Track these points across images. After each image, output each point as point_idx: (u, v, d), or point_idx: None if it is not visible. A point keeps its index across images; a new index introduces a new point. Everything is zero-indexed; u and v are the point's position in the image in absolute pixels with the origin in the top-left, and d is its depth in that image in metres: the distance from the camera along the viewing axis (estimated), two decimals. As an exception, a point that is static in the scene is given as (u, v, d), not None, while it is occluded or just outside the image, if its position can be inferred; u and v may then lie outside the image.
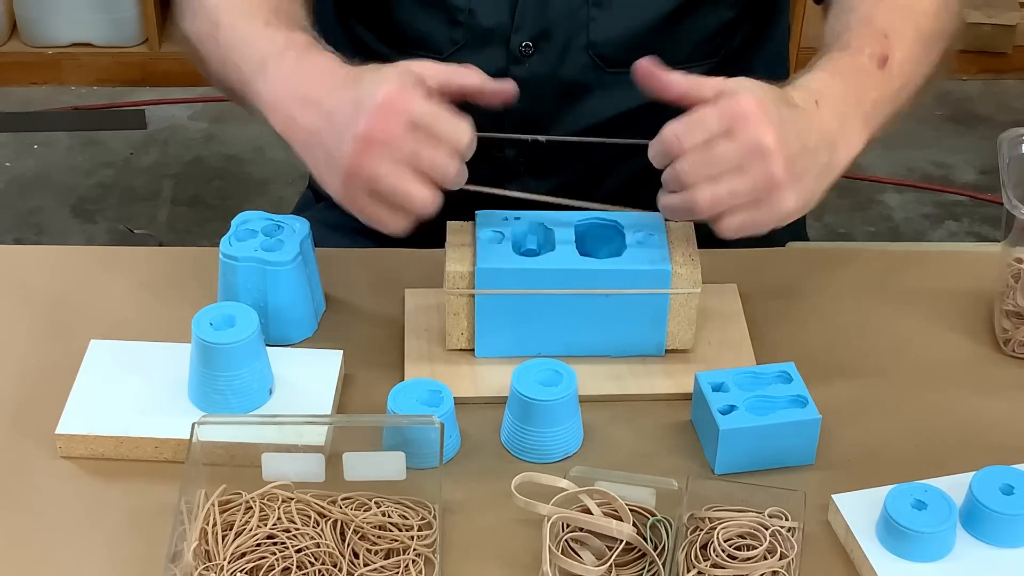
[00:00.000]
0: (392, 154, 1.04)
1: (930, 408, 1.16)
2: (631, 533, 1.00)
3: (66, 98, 3.15)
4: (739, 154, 1.04)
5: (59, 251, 1.40)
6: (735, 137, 1.04)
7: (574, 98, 1.36)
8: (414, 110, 1.04)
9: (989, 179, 2.95)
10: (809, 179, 1.08)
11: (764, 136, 1.04)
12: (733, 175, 1.05)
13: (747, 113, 1.05)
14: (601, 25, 1.32)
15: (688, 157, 1.05)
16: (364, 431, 1.07)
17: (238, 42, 1.18)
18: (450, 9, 1.32)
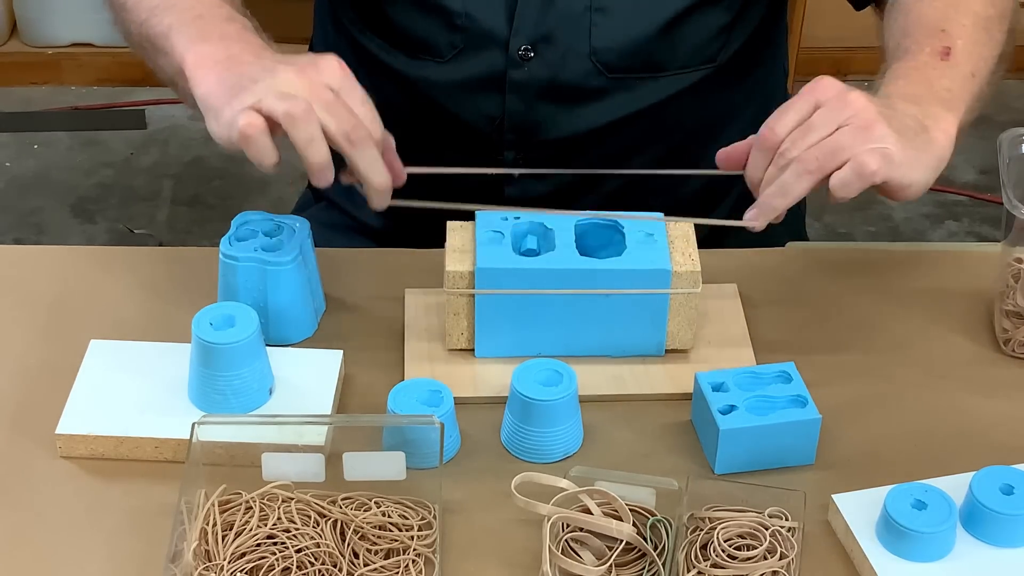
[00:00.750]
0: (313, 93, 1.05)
1: (930, 408, 1.16)
2: (631, 533, 1.00)
3: (66, 98, 3.15)
4: (833, 115, 1.06)
5: (59, 251, 1.40)
6: (827, 105, 1.07)
7: (573, 102, 1.36)
8: (348, 80, 1.07)
9: (989, 179, 2.95)
10: (910, 138, 1.08)
11: (853, 97, 1.06)
12: (834, 133, 1.06)
13: (828, 85, 1.07)
14: (603, 31, 1.32)
15: (788, 139, 1.07)
16: (364, 431, 1.07)
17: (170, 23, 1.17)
18: (447, 14, 1.32)
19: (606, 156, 1.40)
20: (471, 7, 1.32)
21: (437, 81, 1.36)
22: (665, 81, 1.36)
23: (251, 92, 1.06)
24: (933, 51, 1.16)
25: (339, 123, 1.05)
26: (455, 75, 1.35)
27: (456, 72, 1.35)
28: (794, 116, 1.07)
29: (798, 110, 1.07)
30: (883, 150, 1.06)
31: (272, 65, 1.08)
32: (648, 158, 1.41)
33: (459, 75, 1.35)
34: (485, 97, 1.36)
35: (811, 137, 1.06)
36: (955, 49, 1.16)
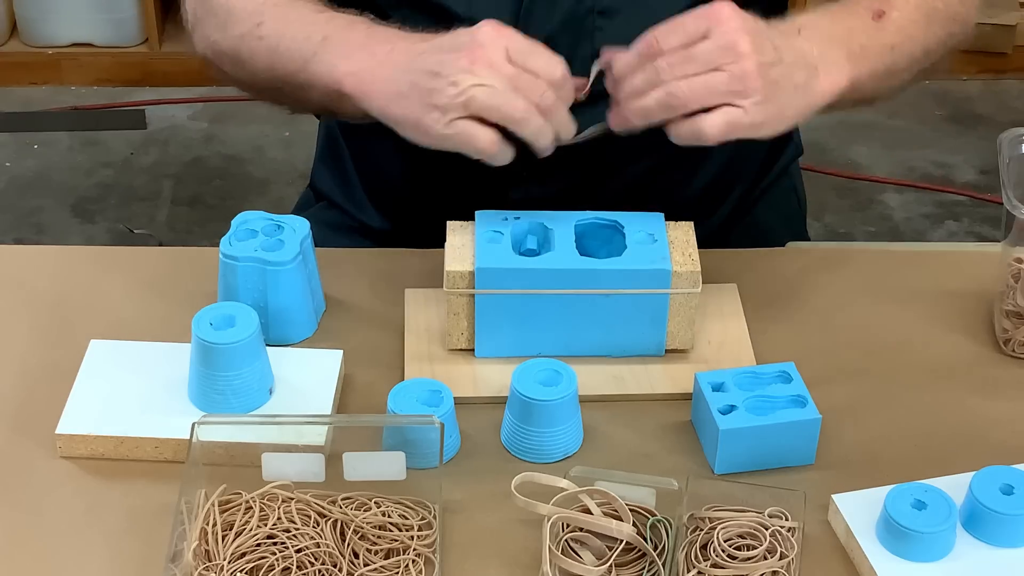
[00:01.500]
0: (493, 78, 1.08)
1: (930, 408, 1.16)
2: (631, 533, 1.00)
3: (66, 98, 3.15)
4: (714, 53, 1.08)
5: (59, 251, 1.40)
6: (711, 38, 1.08)
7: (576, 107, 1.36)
8: (513, 39, 1.10)
9: (989, 179, 2.95)
10: (784, 92, 1.10)
11: (739, 39, 1.08)
12: (709, 73, 1.08)
13: (724, 17, 1.08)
14: (606, 34, 1.31)
15: (666, 57, 1.08)
16: (364, 431, 1.07)
17: (290, 28, 1.19)
18: (452, 18, 1.31)
19: (610, 160, 1.39)
20: (476, 11, 1.31)
21: None
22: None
23: (442, 99, 1.09)
24: (868, 8, 1.16)
25: (529, 96, 1.09)
26: None
27: None
28: (680, 37, 1.09)
29: (688, 31, 1.09)
30: (732, 114, 1.08)
31: (438, 58, 1.11)
32: (651, 161, 1.40)
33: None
34: None
35: (688, 68, 1.08)
36: (888, 17, 1.16)
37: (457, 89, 1.09)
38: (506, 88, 1.09)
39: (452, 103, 1.09)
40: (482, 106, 1.09)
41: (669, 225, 1.17)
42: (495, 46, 1.10)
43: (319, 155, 1.55)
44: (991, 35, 3.15)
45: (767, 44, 1.09)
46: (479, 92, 1.08)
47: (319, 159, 1.55)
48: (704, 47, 1.08)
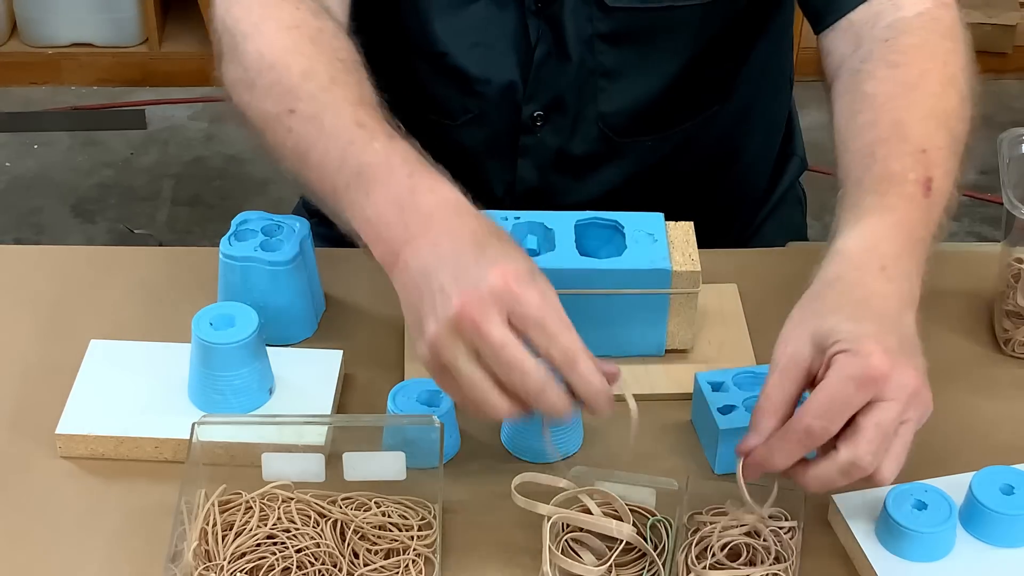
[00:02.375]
0: (476, 342, 0.93)
1: (930, 408, 1.16)
2: (631, 533, 1.00)
3: (66, 98, 3.15)
4: (900, 411, 0.94)
5: (59, 251, 1.40)
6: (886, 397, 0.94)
7: (584, 168, 1.35)
8: (518, 305, 0.93)
9: (989, 179, 2.95)
10: (916, 355, 0.98)
11: (877, 361, 0.93)
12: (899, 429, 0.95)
13: (881, 373, 0.93)
14: (610, 96, 1.31)
15: (861, 444, 0.93)
16: (364, 431, 1.07)
17: (323, 138, 1.03)
18: (467, 79, 1.30)
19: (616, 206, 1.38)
20: (491, 72, 1.30)
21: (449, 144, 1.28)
22: (672, 135, 1.35)
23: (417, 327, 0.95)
24: (917, 180, 1.04)
25: (513, 384, 0.94)
26: (466, 139, 1.34)
27: (467, 136, 1.34)
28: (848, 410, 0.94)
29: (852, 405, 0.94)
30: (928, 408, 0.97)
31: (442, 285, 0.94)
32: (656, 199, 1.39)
33: (470, 139, 1.34)
34: (497, 164, 1.34)
35: (886, 443, 0.94)
36: (935, 181, 1.05)
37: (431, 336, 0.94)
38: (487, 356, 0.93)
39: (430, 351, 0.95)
40: (448, 366, 0.94)
41: (669, 225, 1.17)
42: (495, 304, 0.92)
43: None
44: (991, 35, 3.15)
45: (906, 347, 0.96)
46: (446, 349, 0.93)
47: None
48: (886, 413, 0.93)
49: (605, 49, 1.28)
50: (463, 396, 0.95)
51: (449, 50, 1.29)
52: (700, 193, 1.40)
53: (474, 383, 0.94)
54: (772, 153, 1.49)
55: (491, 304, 0.92)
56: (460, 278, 0.93)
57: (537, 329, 0.93)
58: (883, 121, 1.09)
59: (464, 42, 1.29)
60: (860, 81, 1.13)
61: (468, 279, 0.93)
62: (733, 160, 1.42)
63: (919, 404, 0.95)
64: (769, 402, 0.96)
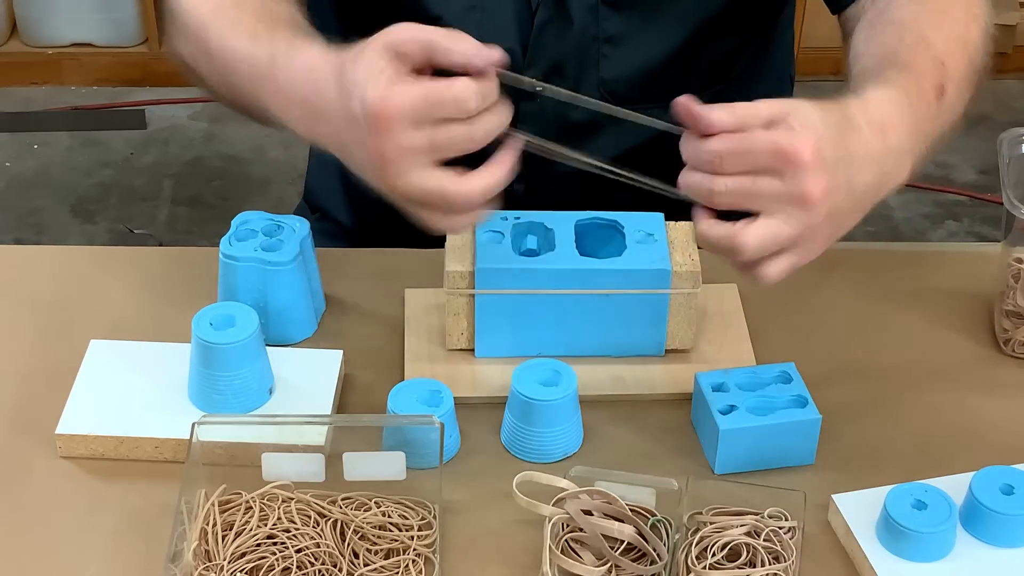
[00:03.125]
0: (411, 160, 0.97)
1: (930, 408, 1.16)
2: (631, 533, 1.00)
3: (66, 98, 3.15)
4: (782, 198, 0.97)
5: (59, 251, 1.40)
6: (783, 178, 0.97)
7: (584, 135, 1.35)
8: (407, 110, 0.97)
9: (989, 179, 2.96)
10: (850, 220, 1.02)
11: (813, 188, 0.97)
12: (773, 217, 0.98)
13: (801, 160, 0.96)
14: (611, 62, 1.31)
15: (727, 180, 0.98)
16: (364, 431, 1.07)
17: (232, 64, 1.12)
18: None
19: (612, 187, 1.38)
20: (486, 38, 1.30)
21: None
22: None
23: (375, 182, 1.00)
24: (933, 84, 1.07)
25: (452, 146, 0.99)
26: None
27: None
28: (748, 164, 0.98)
29: (756, 161, 0.98)
30: (813, 254, 1.01)
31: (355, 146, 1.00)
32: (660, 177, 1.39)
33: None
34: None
35: (749, 202, 0.98)
36: (948, 92, 1.08)
37: (382, 183, 0.99)
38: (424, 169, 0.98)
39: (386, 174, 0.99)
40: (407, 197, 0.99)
41: (669, 225, 1.17)
42: (398, 125, 0.97)
43: (311, 166, 1.55)
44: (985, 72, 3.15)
45: (841, 181, 0.99)
46: (402, 188, 0.98)
47: (311, 170, 1.54)
48: (770, 186, 0.97)
49: (609, 15, 1.28)
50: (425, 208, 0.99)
51: (443, 14, 1.29)
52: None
53: (425, 178, 0.97)
54: None
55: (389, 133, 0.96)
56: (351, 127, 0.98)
57: (436, 109, 0.97)
58: (909, 35, 1.13)
59: (458, 6, 1.29)
60: (885, 11, 1.18)
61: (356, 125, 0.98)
62: None
63: (810, 215, 0.97)
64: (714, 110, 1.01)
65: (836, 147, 0.99)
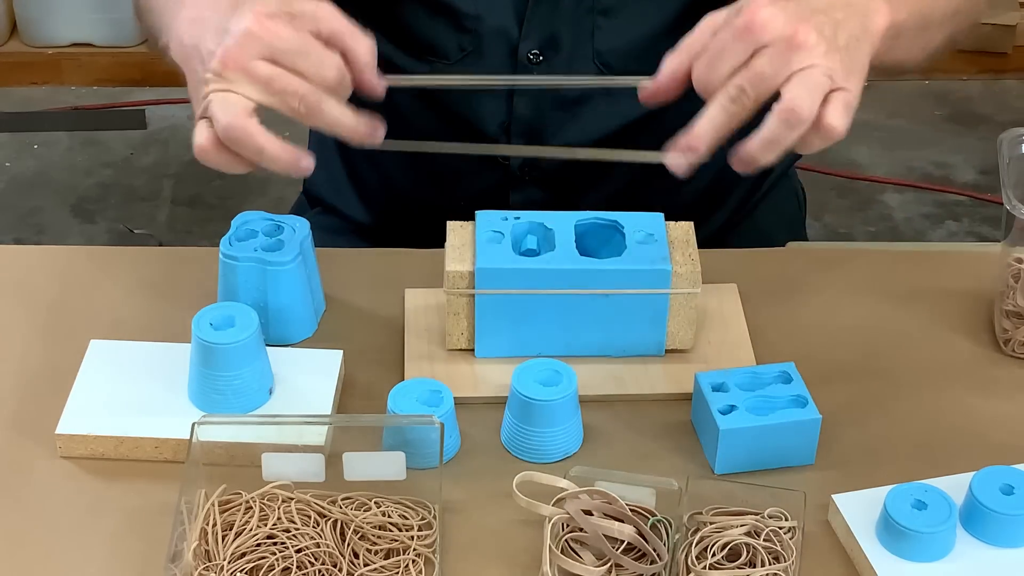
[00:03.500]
0: (271, 43, 0.98)
1: (930, 408, 1.16)
2: (631, 533, 1.00)
3: (66, 98, 3.15)
4: (776, 56, 0.97)
5: (59, 251, 1.40)
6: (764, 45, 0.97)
7: (579, 107, 1.36)
8: (275, 41, 0.98)
9: (989, 179, 2.95)
10: (858, 53, 1.01)
11: (792, 28, 0.97)
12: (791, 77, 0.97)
13: (758, 19, 0.97)
14: (606, 34, 1.32)
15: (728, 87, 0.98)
16: (364, 431, 1.07)
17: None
18: (457, 15, 1.32)
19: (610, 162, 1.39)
20: (481, 8, 1.31)
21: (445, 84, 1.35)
22: None
23: (198, 99, 1.01)
24: None
25: (282, 101, 0.99)
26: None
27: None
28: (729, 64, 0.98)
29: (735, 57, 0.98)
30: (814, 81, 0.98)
31: (203, 39, 1.02)
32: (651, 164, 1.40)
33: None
34: (492, 101, 1.35)
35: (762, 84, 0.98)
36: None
37: (202, 93, 1.00)
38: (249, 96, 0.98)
39: (198, 102, 1.01)
40: (215, 121, 0.99)
41: (669, 225, 1.17)
42: (252, 45, 0.98)
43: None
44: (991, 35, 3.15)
45: (806, 14, 0.98)
46: (216, 108, 0.99)
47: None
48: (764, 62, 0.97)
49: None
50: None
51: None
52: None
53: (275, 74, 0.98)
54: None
55: (248, 46, 0.97)
56: (220, 37, 0.99)
57: (300, 58, 0.98)
58: None
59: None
60: None
61: (226, 35, 0.99)
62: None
63: (808, 56, 0.96)
64: (674, 49, 1.02)
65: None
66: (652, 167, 1.39)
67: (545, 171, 1.38)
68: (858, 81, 1.00)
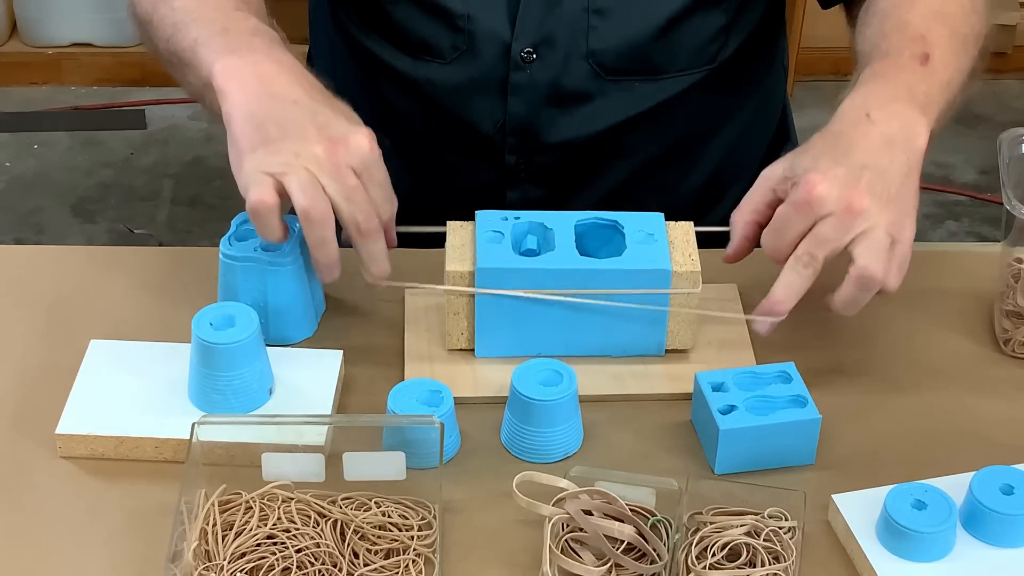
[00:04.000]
0: (334, 178, 1.06)
1: (930, 408, 1.16)
2: (631, 533, 1.00)
3: (66, 98, 3.15)
4: (836, 225, 1.06)
5: (59, 251, 1.40)
6: (824, 217, 1.06)
7: (574, 105, 1.36)
8: (367, 157, 1.08)
9: (989, 179, 2.95)
10: (905, 193, 1.09)
11: (849, 198, 1.06)
12: (857, 242, 1.06)
13: (816, 192, 1.06)
14: (600, 34, 1.32)
15: (799, 254, 1.08)
16: (364, 431, 1.07)
17: (202, 9, 1.17)
18: (449, 15, 1.32)
19: (607, 157, 1.40)
20: (473, 9, 1.31)
21: (439, 82, 1.36)
22: (664, 83, 1.36)
23: (276, 155, 1.06)
24: (912, 55, 1.15)
25: (353, 212, 1.07)
26: (457, 77, 1.35)
27: (458, 74, 1.35)
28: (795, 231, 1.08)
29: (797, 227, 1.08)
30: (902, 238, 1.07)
31: (304, 123, 1.08)
32: (647, 157, 1.41)
33: (461, 77, 1.35)
34: (487, 100, 1.36)
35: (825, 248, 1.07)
36: (933, 57, 1.15)
37: (289, 151, 1.06)
38: (327, 202, 1.06)
39: (275, 158, 1.06)
40: (294, 190, 1.05)
41: (669, 225, 1.17)
42: (358, 151, 1.08)
43: None
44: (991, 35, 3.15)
45: (862, 175, 1.07)
46: (304, 166, 1.06)
47: None
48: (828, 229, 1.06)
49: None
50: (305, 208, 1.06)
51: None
52: (687, 150, 1.41)
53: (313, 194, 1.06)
54: (764, 137, 1.50)
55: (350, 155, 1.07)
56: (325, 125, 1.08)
57: (376, 186, 1.09)
58: (888, 24, 1.20)
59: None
60: (872, 3, 1.24)
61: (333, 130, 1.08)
62: (724, 124, 1.43)
63: (867, 219, 1.05)
64: (739, 210, 1.13)
65: (836, 158, 1.08)
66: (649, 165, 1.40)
67: (540, 167, 1.39)
68: (912, 219, 1.08)
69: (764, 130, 1.50)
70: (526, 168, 1.39)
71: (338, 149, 1.07)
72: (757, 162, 1.50)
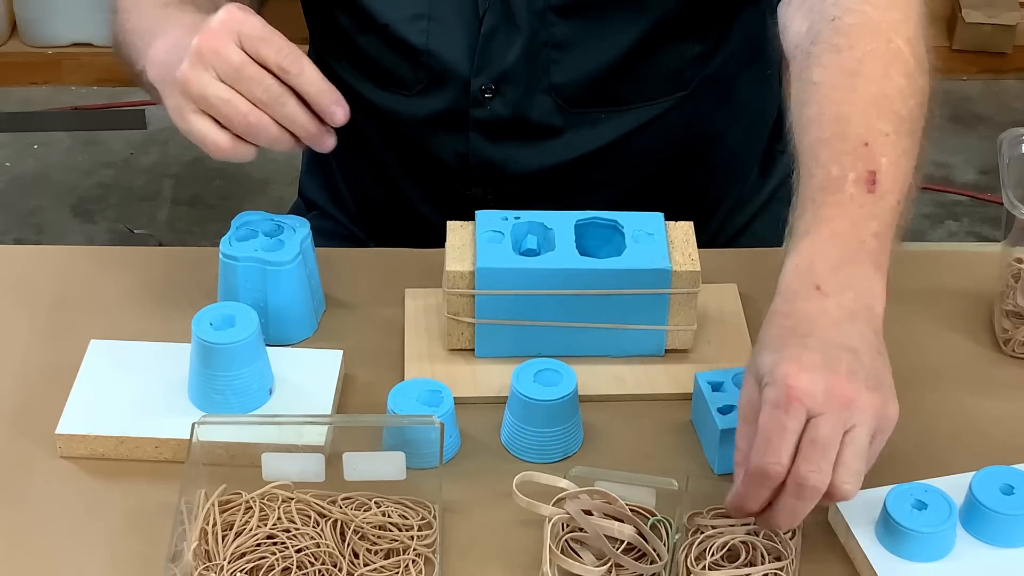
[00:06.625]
0: (217, 64, 1.08)
1: (930, 408, 1.16)
2: (631, 533, 1.00)
3: (66, 98, 3.15)
4: (826, 417, 0.94)
5: (59, 251, 1.40)
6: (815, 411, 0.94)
7: (538, 139, 1.35)
8: (246, 29, 1.08)
9: (989, 179, 2.95)
10: (879, 361, 0.99)
11: (832, 389, 0.94)
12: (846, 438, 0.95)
13: (795, 391, 0.93)
14: (562, 67, 1.30)
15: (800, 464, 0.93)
16: (364, 431, 1.07)
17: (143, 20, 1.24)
18: (411, 50, 1.31)
19: (576, 189, 1.38)
20: (433, 44, 1.30)
21: (405, 114, 1.35)
22: (631, 114, 1.34)
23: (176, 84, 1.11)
24: (858, 178, 1.02)
25: (250, 88, 1.08)
26: (422, 110, 1.34)
27: (422, 107, 1.34)
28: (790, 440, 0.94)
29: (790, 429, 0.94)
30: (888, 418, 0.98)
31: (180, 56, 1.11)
32: (622, 188, 1.39)
33: (424, 110, 1.34)
34: (450, 133, 1.35)
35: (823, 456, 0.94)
36: (880, 173, 1.02)
37: (189, 89, 1.10)
38: (225, 77, 1.09)
39: (180, 91, 1.11)
40: (198, 97, 1.10)
41: (669, 225, 1.17)
42: (228, 31, 1.09)
43: (305, 166, 1.55)
44: (991, 35, 3.15)
45: (833, 360, 0.95)
46: (209, 95, 1.09)
47: (305, 170, 1.55)
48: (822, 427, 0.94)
49: (557, 20, 1.28)
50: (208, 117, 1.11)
51: (390, 20, 1.30)
52: (673, 178, 1.39)
53: (226, 100, 1.09)
54: (758, 147, 1.48)
55: (223, 33, 1.09)
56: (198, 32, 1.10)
57: (264, 44, 1.08)
58: (826, 116, 1.06)
59: (405, 13, 1.30)
60: (808, 67, 1.10)
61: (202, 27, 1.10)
62: (710, 148, 1.41)
63: (859, 410, 0.94)
64: (740, 453, 0.97)
65: (801, 342, 0.96)
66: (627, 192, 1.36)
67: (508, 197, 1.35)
68: (895, 398, 0.99)
69: (756, 142, 1.47)
70: (494, 198, 1.37)
71: (210, 36, 1.09)
72: (752, 176, 1.49)
